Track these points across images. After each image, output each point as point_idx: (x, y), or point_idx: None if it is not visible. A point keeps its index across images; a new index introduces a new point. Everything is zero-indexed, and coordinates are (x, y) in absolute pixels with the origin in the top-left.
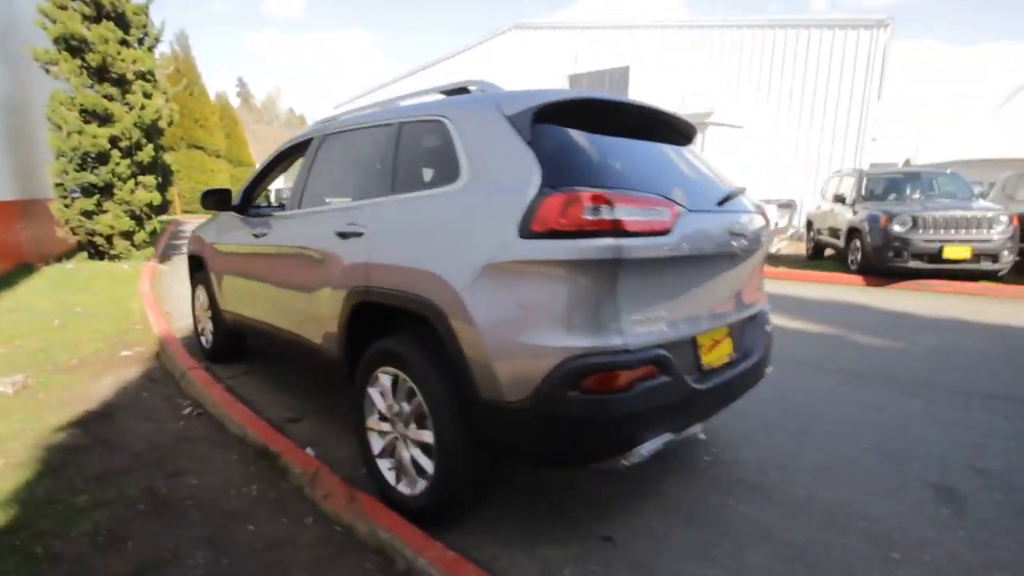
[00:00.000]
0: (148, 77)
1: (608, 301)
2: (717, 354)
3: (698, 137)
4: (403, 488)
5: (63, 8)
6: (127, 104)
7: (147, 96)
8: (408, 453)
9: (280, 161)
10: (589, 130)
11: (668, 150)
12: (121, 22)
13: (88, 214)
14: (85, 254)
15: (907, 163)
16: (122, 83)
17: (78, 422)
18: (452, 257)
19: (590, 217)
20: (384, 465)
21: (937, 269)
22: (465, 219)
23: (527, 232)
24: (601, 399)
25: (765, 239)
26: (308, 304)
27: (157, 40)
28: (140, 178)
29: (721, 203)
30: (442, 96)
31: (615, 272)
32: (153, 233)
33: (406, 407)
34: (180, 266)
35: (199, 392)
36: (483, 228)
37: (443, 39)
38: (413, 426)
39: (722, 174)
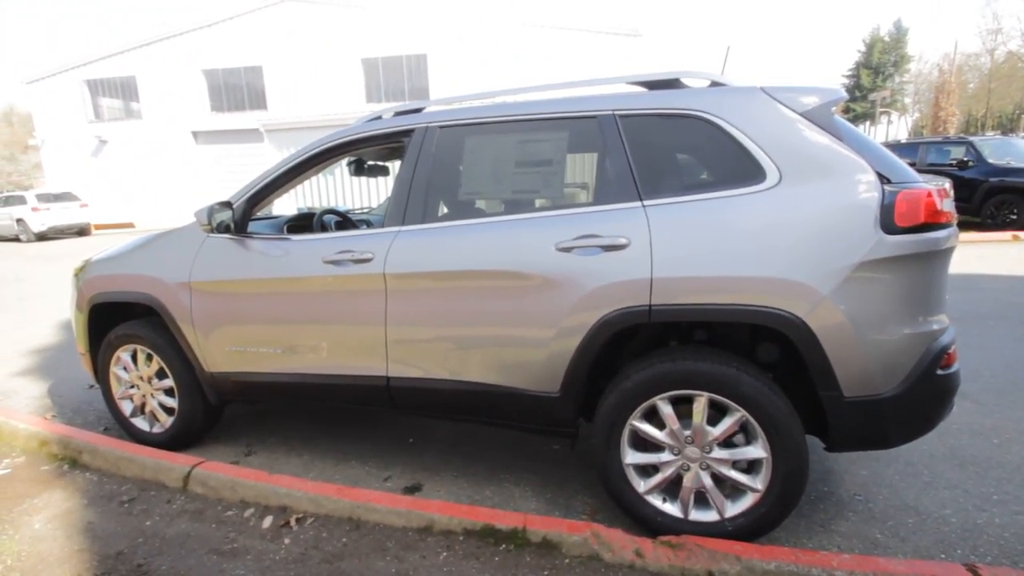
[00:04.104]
0: None
1: (942, 283)
2: None
3: None
4: (700, 516)
5: None
6: None
7: None
8: (708, 479)
9: (317, 161)
10: None
11: None
12: None
13: None
14: None
15: None
16: None
17: None
18: (811, 262)
19: (944, 209)
20: (656, 500)
21: None
22: (808, 221)
23: (892, 228)
24: (953, 372)
25: None
26: (502, 339)
27: None
28: None
29: None
30: (641, 88)
31: (949, 256)
32: None
33: (711, 430)
34: None
35: (259, 491)
36: (839, 229)
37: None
38: (718, 449)
39: None
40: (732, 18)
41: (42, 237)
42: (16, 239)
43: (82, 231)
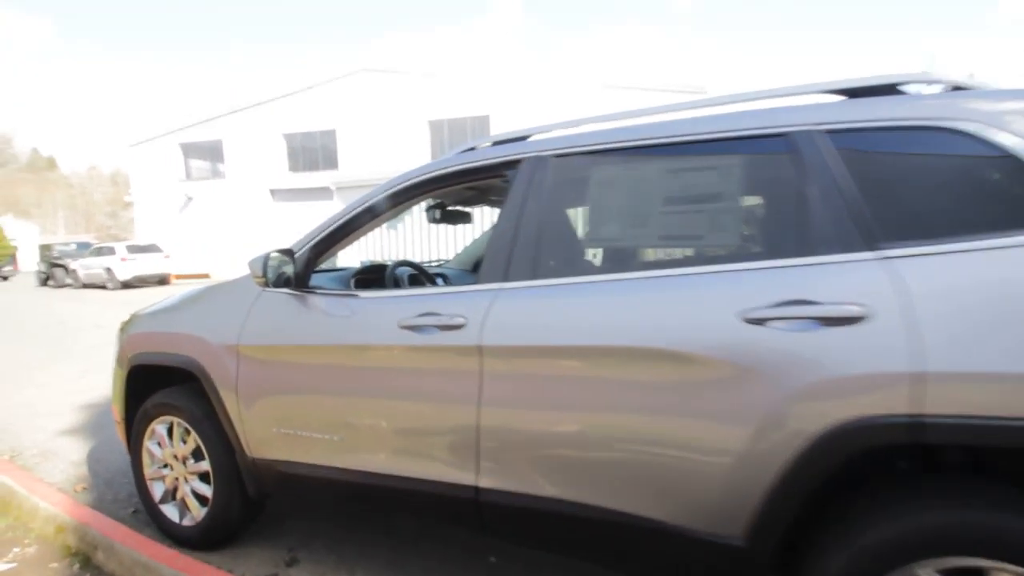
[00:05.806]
0: None
1: None
2: None
3: None
4: None
5: None
6: None
7: None
8: None
9: (401, 199)
10: None
11: None
12: None
13: None
14: None
15: None
16: None
17: None
18: None
19: None
20: None
21: None
22: None
23: None
24: None
25: None
26: (648, 449)
27: None
28: None
29: None
30: (840, 97)
31: None
32: None
33: None
34: None
35: None
36: None
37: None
38: None
39: None
40: (793, 79)
41: (127, 285)
42: (103, 287)
43: (162, 280)
